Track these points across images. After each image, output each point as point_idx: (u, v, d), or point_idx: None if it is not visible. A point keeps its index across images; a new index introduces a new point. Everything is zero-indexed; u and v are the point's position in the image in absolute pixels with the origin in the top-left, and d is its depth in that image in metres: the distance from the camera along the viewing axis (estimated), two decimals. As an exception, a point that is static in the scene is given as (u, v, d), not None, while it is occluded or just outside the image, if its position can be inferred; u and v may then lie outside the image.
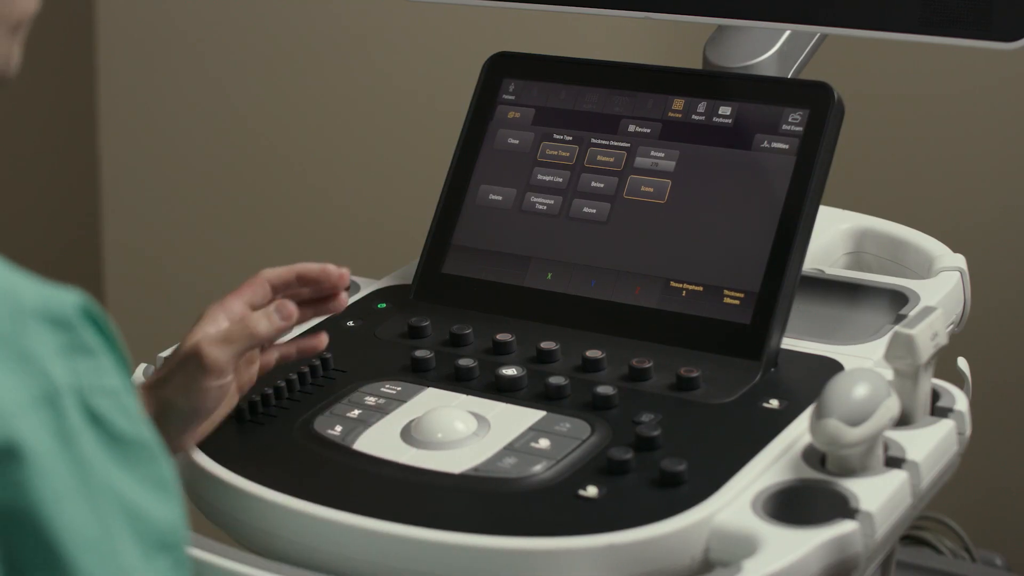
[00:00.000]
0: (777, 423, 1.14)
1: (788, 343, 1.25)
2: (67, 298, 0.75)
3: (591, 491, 1.07)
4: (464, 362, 1.24)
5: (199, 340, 1.12)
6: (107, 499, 0.74)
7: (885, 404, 1.04)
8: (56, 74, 2.49)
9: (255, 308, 1.17)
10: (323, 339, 1.22)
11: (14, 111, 2.41)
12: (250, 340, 1.13)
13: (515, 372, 1.22)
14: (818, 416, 1.04)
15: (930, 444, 1.10)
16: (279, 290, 1.20)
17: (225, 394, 1.13)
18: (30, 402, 0.72)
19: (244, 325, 1.13)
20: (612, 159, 1.34)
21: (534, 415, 1.17)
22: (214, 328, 1.14)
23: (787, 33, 1.41)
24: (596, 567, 1.01)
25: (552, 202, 1.35)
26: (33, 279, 0.75)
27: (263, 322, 1.14)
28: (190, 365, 1.11)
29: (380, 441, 1.15)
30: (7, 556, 0.72)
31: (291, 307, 1.15)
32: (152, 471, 0.77)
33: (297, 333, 1.33)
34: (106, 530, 0.74)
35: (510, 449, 1.13)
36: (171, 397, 1.12)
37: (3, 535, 0.72)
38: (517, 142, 1.38)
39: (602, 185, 1.34)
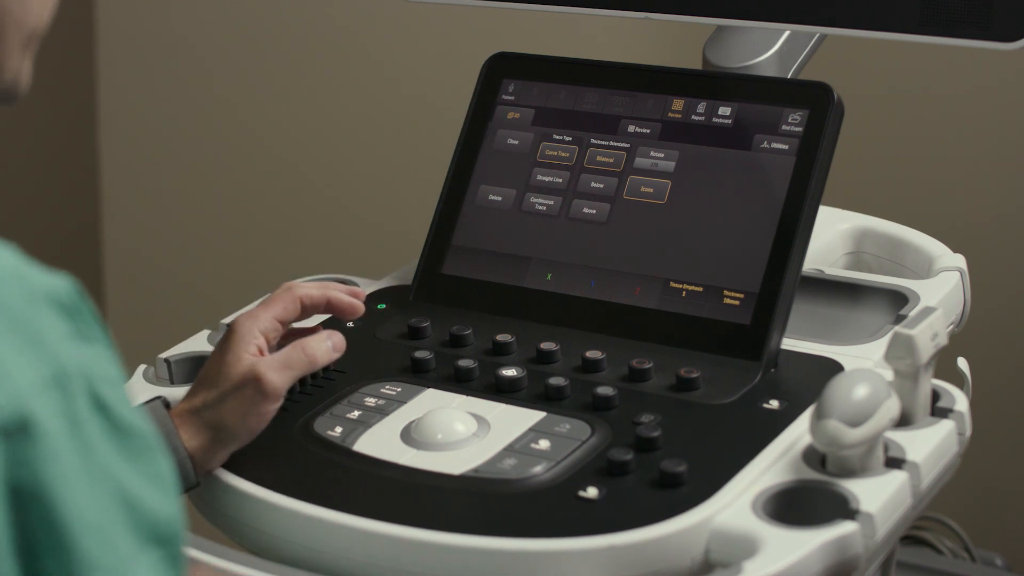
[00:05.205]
0: (777, 424, 1.13)
1: (788, 343, 1.25)
2: (66, 284, 0.76)
3: (591, 492, 1.07)
4: (464, 363, 1.24)
5: (256, 365, 1.12)
6: (108, 486, 0.75)
7: (885, 405, 1.04)
8: (56, 74, 2.49)
9: (285, 324, 1.17)
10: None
11: (14, 111, 2.41)
12: (309, 367, 1.14)
13: (515, 373, 1.22)
14: (818, 417, 1.03)
15: (930, 445, 1.10)
16: (307, 309, 1.19)
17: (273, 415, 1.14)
18: (42, 383, 0.73)
19: (303, 352, 1.14)
20: (612, 159, 1.34)
21: (534, 416, 1.17)
22: (253, 345, 1.13)
23: (787, 33, 1.41)
24: (596, 568, 1.01)
25: (552, 202, 1.35)
26: (34, 264, 0.76)
27: (321, 350, 1.15)
28: (248, 390, 1.11)
29: (380, 442, 1.15)
30: (20, 537, 0.73)
31: (343, 341, 1.18)
32: (151, 465, 0.78)
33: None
34: (106, 517, 0.75)
35: (510, 450, 1.13)
36: (226, 420, 1.11)
37: (17, 514, 0.73)
38: (517, 142, 1.38)
39: (602, 185, 1.34)
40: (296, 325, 1.22)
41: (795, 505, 1.05)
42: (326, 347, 1.16)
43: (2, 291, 0.74)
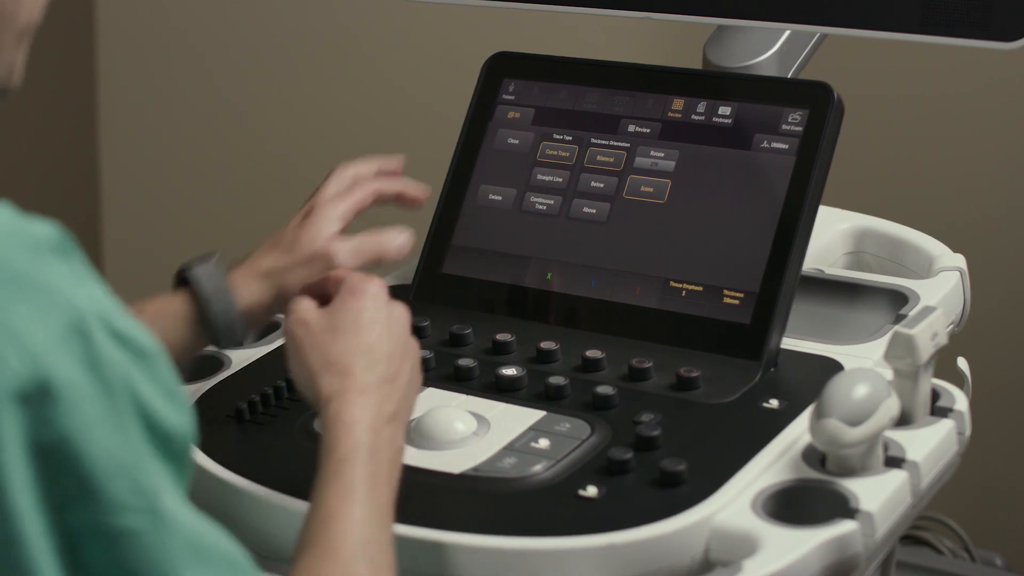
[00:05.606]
0: (777, 423, 1.14)
1: (788, 343, 1.25)
2: (57, 229, 0.77)
3: (591, 491, 1.07)
4: (464, 362, 1.24)
5: (331, 243, 1.20)
6: (133, 418, 0.77)
7: (885, 404, 1.04)
8: (56, 74, 2.49)
9: (357, 215, 1.24)
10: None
11: (14, 111, 2.41)
12: (377, 258, 1.22)
13: (515, 372, 1.22)
14: (818, 416, 1.04)
15: (930, 444, 1.10)
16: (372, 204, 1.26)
17: None
18: (60, 335, 0.74)
19: (375, 243, 1.22)
20: (612, 159, 1.34)
21: (534, 415, 1.17)
22: (329, 229, 1.20)
23: (787, 33, 1.41)
24: (596, 567, 1.01)
25: (552, 202, 1.35)
26: (26, 215, 0.77)
27: (395, 244, 1.22)
28: (319, 264, 1.19)
29: (380, 441, 1.15)
30: (49, 492, 0.73)
31: (409, 244, 1.24)
32: (165, 380, 0.79)
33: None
34: (132, 454, 0.76)
35: (510, 449, 1.13)
36: (291, 287, 1.17)
37: (43, 471, 0.74)
38: (517, 142, 1.38)
39: (602, 185, 1.34)
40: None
41: (795, 504, 1.05)
42: (398, 243, 1.22)
43: (4, 251, 0.74)
